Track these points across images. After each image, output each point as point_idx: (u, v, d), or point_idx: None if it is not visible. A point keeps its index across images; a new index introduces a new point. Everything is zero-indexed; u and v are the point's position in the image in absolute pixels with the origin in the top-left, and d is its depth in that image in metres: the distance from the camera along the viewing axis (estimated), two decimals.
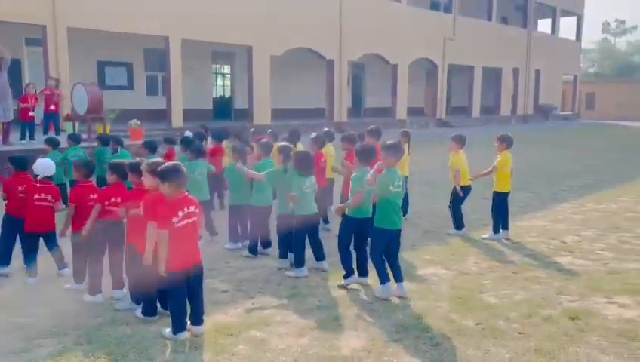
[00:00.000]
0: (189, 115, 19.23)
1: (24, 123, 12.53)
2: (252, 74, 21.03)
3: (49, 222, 5.76)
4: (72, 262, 5.57)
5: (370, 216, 5.43)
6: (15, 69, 15.10)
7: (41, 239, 5.82)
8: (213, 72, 24.71)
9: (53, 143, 7.99)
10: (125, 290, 5.20)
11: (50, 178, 5.84)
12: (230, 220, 7.02)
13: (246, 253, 6.67)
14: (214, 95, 24.75)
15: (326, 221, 7.94)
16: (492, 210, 7.61)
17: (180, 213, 4.24)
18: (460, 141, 7.69)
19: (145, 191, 4.70)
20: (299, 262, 5.94)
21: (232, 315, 4.86)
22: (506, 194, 7.56)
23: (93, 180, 5.68)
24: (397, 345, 4.26)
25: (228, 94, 25.65)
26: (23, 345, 4.24)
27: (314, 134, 7.49)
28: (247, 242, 6.76)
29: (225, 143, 8.98)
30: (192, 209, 4.33)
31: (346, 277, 5.60)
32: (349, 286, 5.56)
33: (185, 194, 4.36)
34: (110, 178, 5.27)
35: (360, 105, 29.35)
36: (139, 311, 4.79)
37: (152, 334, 4.44)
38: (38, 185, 5.68)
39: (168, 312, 4.51)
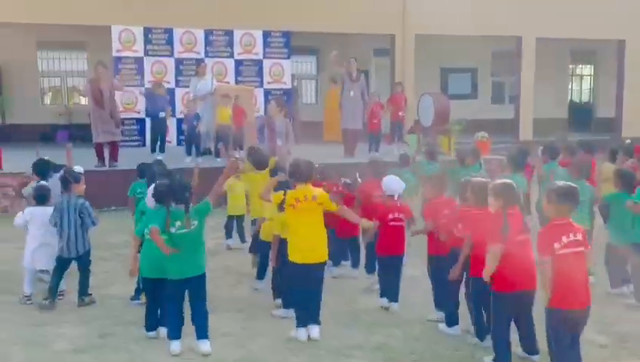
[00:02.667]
0: (538, 125, 18.74)
1: (371, 134, 14.17)
2: (623, 75, 19.28)
3: (400, 244, 6.16)
4: (433, 290, 5.87)
5: None
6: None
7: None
8: (570, 75, 23.59)
9: (403, 160, 8.73)
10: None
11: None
12: (610, 260, 6.50)
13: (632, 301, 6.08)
14: (569, 102, 23.59)
15: None
16: None
17: (564, 239, 4.14)
18: None
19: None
20: None
21: None
22: None
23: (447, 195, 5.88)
24: None
25: (586, 100, 24.12)
26: None
27: None
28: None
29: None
30: (577, 236, 4.18)
31: None
32: None
33: (569, 219, 4.22)
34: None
35: None
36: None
37: None
38: (397, 204, 6.15)
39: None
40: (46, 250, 6.24)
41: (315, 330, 5.35)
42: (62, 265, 6.19)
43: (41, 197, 6.36)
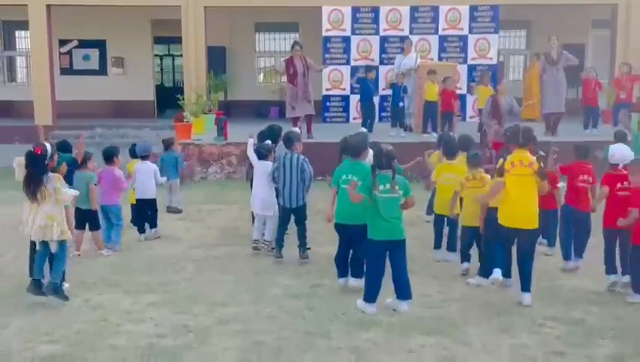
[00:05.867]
0: None
1: (587, 110, 13.54)
2: None
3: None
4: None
5: None
6: (579, 54, 16.26)
7: None
8: None
9: (619, 136, 8.44)
10: None
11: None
12: None
13: None
14: None
15: None
16: None
17: None
18: None
19: None
20: None
21: None
22: None
23: None
24: None
25: None
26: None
27: None
28: None
29: None
30: None
31: None
32: None
33: None
34: None
35: None
36: None
37: None
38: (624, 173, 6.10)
39: None
40: (263, 199, 7.37)
41: (527, 297, 5.57)
42: (283, 214, 7.18)
43: (263, 155, 7.51)
